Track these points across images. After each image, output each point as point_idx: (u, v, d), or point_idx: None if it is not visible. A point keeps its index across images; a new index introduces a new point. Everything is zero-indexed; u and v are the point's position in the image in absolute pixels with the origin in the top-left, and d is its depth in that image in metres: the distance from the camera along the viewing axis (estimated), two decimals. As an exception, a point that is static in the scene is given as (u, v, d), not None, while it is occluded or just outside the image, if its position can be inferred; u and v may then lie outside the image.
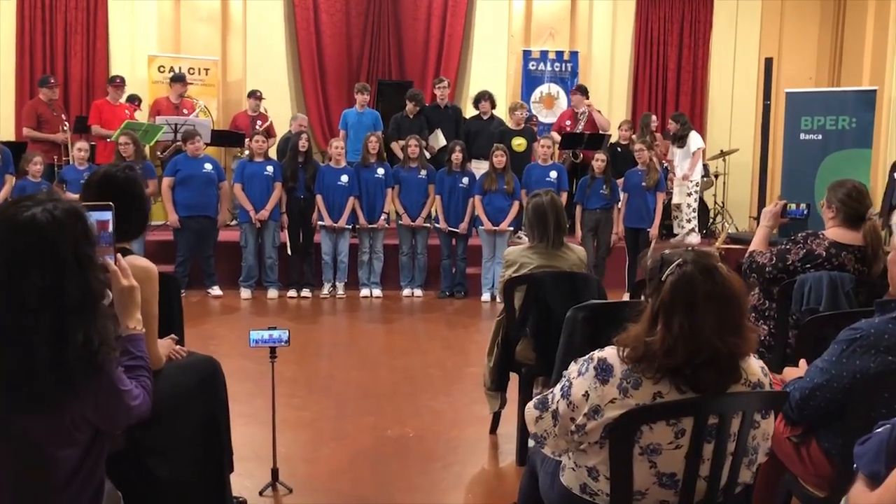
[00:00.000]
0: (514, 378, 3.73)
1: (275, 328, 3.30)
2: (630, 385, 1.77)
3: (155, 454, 2.70)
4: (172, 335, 2.99)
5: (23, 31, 9.65)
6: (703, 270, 1.77)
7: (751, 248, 3.73)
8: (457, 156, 7.74)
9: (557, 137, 9.14)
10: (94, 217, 1.99)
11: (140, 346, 2.02)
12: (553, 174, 7.76)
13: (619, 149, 8.86)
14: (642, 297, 1.92)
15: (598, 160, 7.71)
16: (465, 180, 7.82)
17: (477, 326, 6.80)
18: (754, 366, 1.84)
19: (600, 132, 9.27)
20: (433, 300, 7.75)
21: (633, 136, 8.80)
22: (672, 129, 8.86)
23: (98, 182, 2.74)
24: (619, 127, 9.15)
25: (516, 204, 7.70)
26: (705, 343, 1.73)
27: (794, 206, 3.82)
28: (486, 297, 7.68)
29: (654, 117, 9.41)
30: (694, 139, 8.76)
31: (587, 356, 1.89)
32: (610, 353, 1.85)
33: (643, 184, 7.61)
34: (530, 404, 2.01)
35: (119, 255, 2.03)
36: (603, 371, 1.81)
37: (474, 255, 7.94)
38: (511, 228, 7.78)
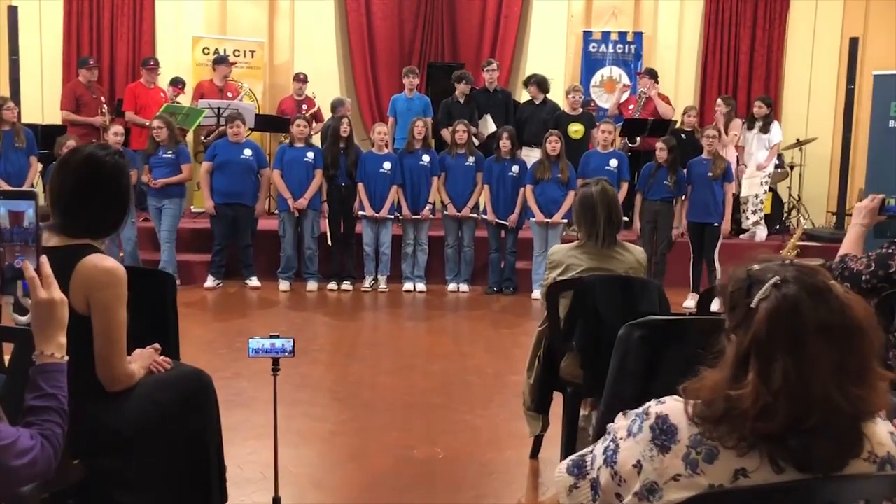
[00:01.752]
0: (557, 397, 3.22)
1: (277, 336, 2.86)
2: (701, 457, 1.25)
3: (124, 485, 2.30)
4: (155, 345, 2.57)
5: (70, 14, 9.49)
6: (813, 292, 1.24)
7: (841, 250, 3.13)
8: (505, 142, 7.22)
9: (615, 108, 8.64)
10: (6, 207, 1.56)
11: (55, 381, 1.56)
12: (613, 162, 7.17)
13: (683, 136, 8.19)
14: (725, 330, 1.37)
15: (660, 148, 7.08)
16: (515, 168, 7.29)
17: (524, 327, 6.27)
18: (881, 432, 1.29)
19: (663, 119, 8.62)
20: (480, 296, 7.26)
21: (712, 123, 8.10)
22: (759, 113, 8.15)
23: (81, 163, 2.32)
24: (685, 113, 8.48)
25: (571, 194, 7.12)
26: (820, 399, 1.20)
27: (893, 201, 3.20)
28: (536, 294, 7.14)
29: (721, 102, 8.68)
30: (777, 129, 8.10)
31: (641, 410, 1.38)
32: (673, 407, 1.34)
33: (709, 174, 6.96)
34: (562, 466, 1.52)
35: (43, 260, 1.58)
36: (663, 434, 1.30)
37: (524, 249, 7.42)
38: (565, 221, 7.22)
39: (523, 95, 8.99)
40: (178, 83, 8.72)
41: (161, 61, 8.76)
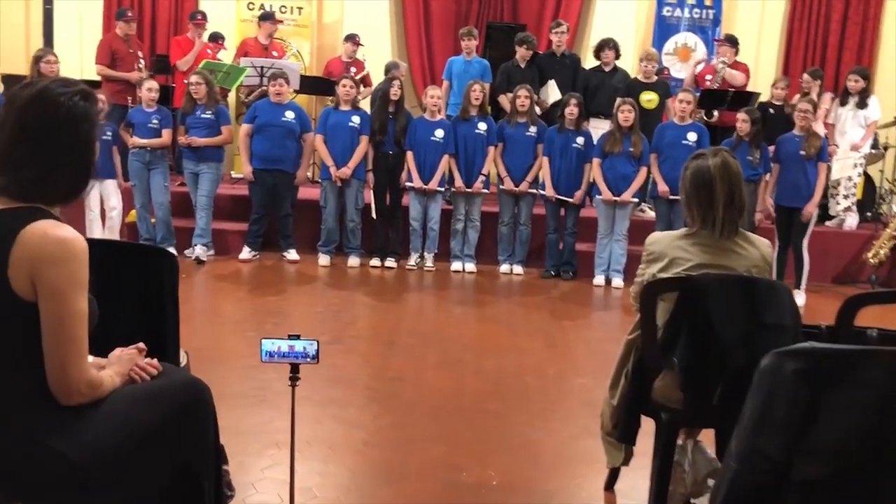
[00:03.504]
0: (646, 424, 2.57)
1: (297, 336, 2.27)
2: None
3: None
4: (139, 344, 2.00)
5: (111, -34, 9.02)
6: None
7: None
8: (571, 111, 6.50)
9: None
10: None
11: None
12: (692, 136, 6.40)
13: (771, 110, 7.39)
14: None
15: (742, 120, 6.29)
16: (580, 140, 6.58)
17: (587, 319, 5.62)
18: None
19: (742, 90, 7.80)
20: (535, 280, 6.61)
21: (798, 96, 7.26)
22: (854, 87, 7.27)
23: (28, 102, 1.75)
24: (774, 85, 7.65)
25: (643, 170, 6.42)
26: None
27: None
28: (598, 279, 6.47)
29: (808, 77, 7.81)
30: (875, 105, 7.23)
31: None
32: None
33: (801, 152, 6.16)
34: None
35: None
36: None
37: (587, 230, 6.73)
38: (635, 200, 6.52)
39: (588, 61, 8.26)
40: (217, 38, 8.19)
41: (203, 16, 8.23)
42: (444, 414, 3.53)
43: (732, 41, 7.98)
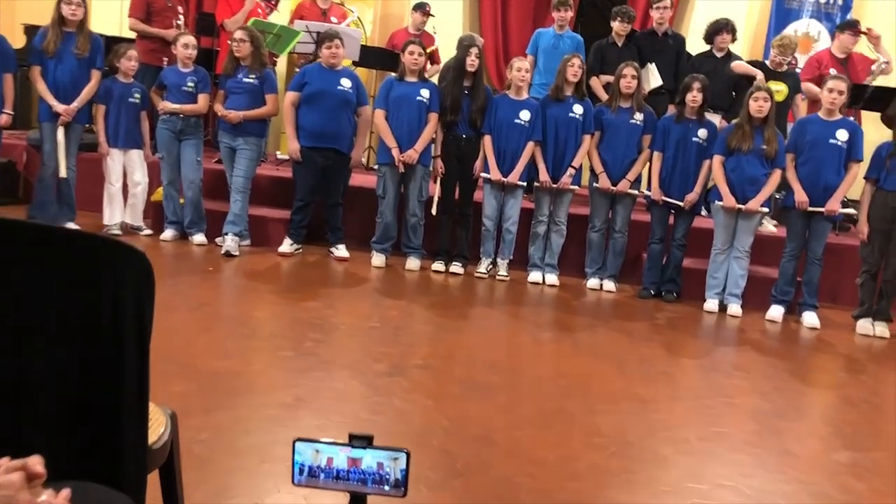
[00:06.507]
0: None
1: (369, 441, 1.17)
2: None
3: None
4: (31, 461, 0.92)
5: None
6: None
7: None
8: (694, 96, 5.32)
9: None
10: None
11: None
12: (841, 135, 5.15)
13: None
14: None
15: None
16: (702, 133, 5.40)
17: (712, 358, 4.41)
18: None
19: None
20: (630, 300, 5.47)
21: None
22: None
23: None
24: (926, 79, 6.37)
25: (777, 173, 5.22)
26: None
27: None
28: (710, 304, 5.31)
29: None
30: None
31: None
32: None
33: None
34: None
35: None
36: None
37: (699, 242, 5.56)
38: (765, 210, 5.31)
39: (693, 45, 7.07)
40: (270, -1, 7.18)
41: (257, -27, 7.23)
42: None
43: (852, 26, 6.66)
